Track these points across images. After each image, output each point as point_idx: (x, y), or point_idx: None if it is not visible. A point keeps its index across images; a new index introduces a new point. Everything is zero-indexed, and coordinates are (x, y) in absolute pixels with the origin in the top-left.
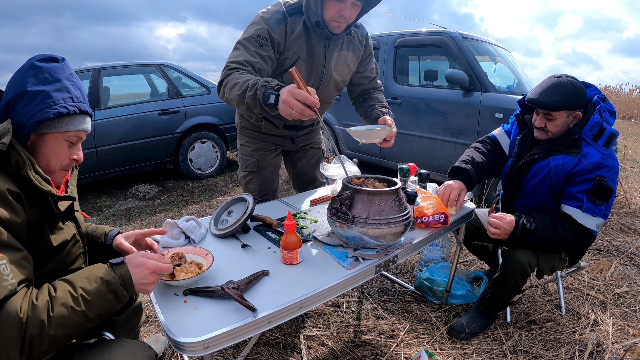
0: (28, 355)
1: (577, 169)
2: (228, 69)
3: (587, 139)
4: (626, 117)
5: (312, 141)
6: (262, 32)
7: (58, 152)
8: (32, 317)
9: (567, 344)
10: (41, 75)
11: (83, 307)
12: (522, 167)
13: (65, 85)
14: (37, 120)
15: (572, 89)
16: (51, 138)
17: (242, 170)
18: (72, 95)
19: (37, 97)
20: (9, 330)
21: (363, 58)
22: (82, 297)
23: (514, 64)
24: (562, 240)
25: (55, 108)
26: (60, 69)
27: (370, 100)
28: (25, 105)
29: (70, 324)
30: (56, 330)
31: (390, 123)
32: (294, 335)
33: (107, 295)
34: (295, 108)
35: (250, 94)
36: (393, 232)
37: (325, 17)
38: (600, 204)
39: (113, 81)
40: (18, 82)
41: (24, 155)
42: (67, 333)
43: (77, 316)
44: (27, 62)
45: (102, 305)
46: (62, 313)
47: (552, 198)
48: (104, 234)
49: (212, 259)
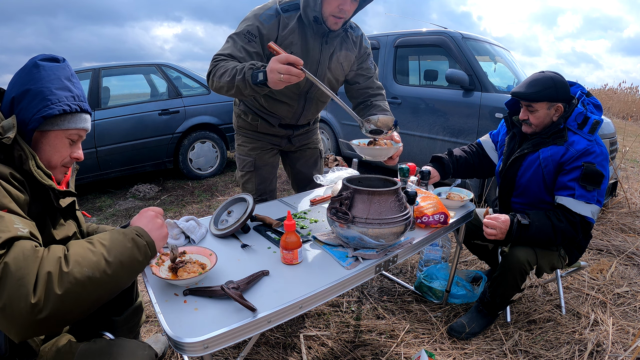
0: (41, 297)
1: (566, 158)
2: (215, 60)
3: (573, 128)
4: (626, 117)
5: (309, 141)
6: (251, 29)
7: (59, 149)
8: (48, 256)
9: (567, 344)
10: (44, 73)
11: (102, 250)
12: (513, 163)
13: (66, 84)
14: (43, 115)
15: (550, 82)
16: (53, 135)
17: (239, 170)
18: (73, 94)
19: (40, 94)
20: (22, 263)
21: (357, 58)
22: (99, 242)
23: (514, 63)
24: (559, 231)
25: (59, 105)
26: (61, 69)
27: (373, 108)
28: (29, 102)
29: (88, 263)
30: (73, 266)
31: (398, 140)
32: (294, 335)
33: (126, 243)
34: (281, 70)
35: (240, 77)
36: (393, 232)
37: (324, 13)
38: (592, 190)
39: (113, 81)
40: (22, 80)
41: (27, 150)
42: (85, 273)
43: (94, 256)
44: (29, 61)
45: (122, 251)
46: (78, 252)
47: (546, 192)
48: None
49: (215, 259)
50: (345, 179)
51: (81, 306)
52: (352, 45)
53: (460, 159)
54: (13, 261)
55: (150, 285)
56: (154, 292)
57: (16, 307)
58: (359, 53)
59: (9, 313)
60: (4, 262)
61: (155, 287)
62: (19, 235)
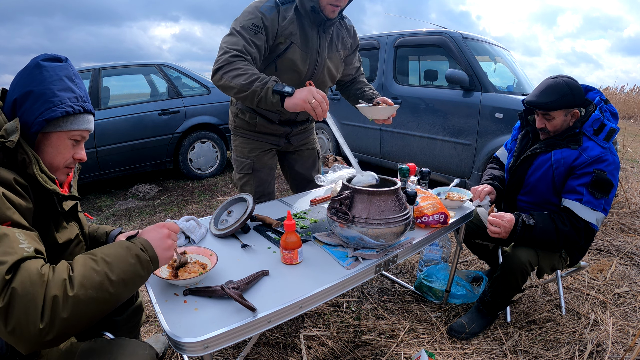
0: (48, 322)
1: (578, 162)
2: (229, 55)
3: (588, 134)
4: (626, 117)
5: (307, 141)
6: (256, 21)
7: (62, 151)
8: (53, 278)
9: (567, 344)
10: (46, 74)
11: (105, 268)
12: (524, 161)
13: (69, 84)
14: (45, 118)
15: (567, 88)
16: (55, 137)
17: (237, 172)
18: (76, 95)
19: (43, 96)
20: (29, 288)
21: (353, 47)
22: (102, 259)
23: (514, 63)
24: (562, 235)
25: (62, 107)
26: (64, 69)
27: (357, 84)
28: (32, 104)
29: (92, 284)
30: (78, 289)
31: (391, 103)
32: (294, 335)
33: (129, 259)
34: (317, 99)
35: (259, 84)
36: (393, 232)
37: (321, 3)
38: (600, 197)
39: (113, 81)
40: (24, 82)
41: (30, 154)
42: (89, 295)
43: (98, 276)
44: (31, 61)
45: (125, 268)
46: (83, 272)
47: (554, 193)
48: (105, 234)
49: (216, 260)
50: (345, 179)
51: (85, 322)
52: (347, 34)
53: (502, 176)
54: (20, 286)
55: (150, 285)
56: (154, 292)
57: (25, 331)
58: (354, 42)
59: (18, 336)
60: (12, 288)
61: (155, 287)
62: (24, 256)
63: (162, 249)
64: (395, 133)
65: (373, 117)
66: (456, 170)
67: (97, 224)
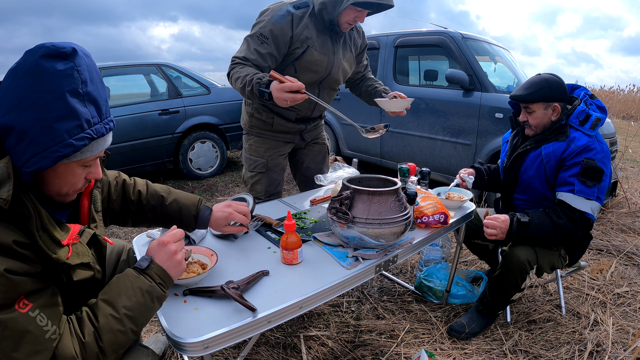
0: None
1: (567, 153)
2: (233, 62)
3: (575, 125)
4: (626, 117)
5: (318, 137)
6: (264, 31)
7: (71, 180)
8: (87, 354)
9: (567, 344)
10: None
11: (130, 325)
12: (516, 159)
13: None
14: (34, 169)
15: (545, 83)
16: (63, 167)
17: (249, 170)
18: (81, 121)
19: (30, 135)
20: None
21: (362, 47)
22: (126, 315)
23: (514, 63)
24: (559, 228)
25: (58, 149)
26: (67, 76)
27: (367, 80)
28: (16, 144)
29: (121, 345)
30: (110, 356)
31: (405, 96)
32: (294, 335)
33: (150, 304)
34: (287, 98)
35: (249, 89)
36: (393, 232)
37: (340, 20)
38: (592, 185)
39: (113, 81)
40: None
41: (30, 208)
42: (120, 352)
43: (125, 336)
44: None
45: (147, 316)
46: (112, 339)
47: (549, 188)
48: (187, 210)
49: (216, 260)
50: (345, 179)
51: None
52: (357, 35)
53: (492, 167)
54: None
55: None
56: None
57: None
58: (363, 42)
59: None
60: None
61: None
62: (54, 345)
63: (174, 268)
64: (395, 133)
65: (391, 109)
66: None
67: (160, 192)
